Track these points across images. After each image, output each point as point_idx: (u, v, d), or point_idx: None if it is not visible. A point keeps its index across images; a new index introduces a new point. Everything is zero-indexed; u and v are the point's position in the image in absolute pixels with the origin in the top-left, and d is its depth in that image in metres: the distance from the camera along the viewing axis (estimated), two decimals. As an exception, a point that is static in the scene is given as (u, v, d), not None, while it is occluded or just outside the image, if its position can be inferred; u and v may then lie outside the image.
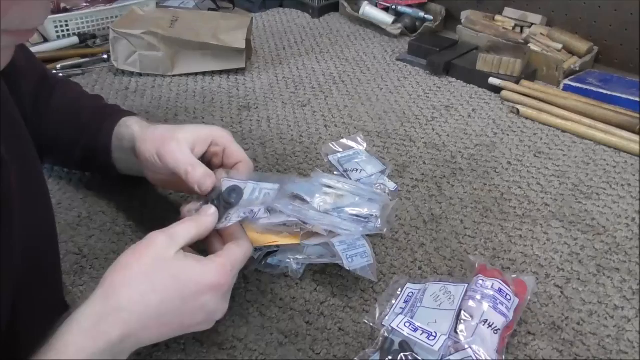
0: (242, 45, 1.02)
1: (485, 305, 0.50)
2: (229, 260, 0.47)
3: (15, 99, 0.57)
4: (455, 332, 0.49)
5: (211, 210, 0.51)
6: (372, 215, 0.61)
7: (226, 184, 0.57)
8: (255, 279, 0.60)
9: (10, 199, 0.41)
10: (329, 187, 0.63)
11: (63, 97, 0.71)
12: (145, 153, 0.61)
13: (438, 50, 1.09)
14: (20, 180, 0.43)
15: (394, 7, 1.28)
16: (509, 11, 1.20)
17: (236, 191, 0.55)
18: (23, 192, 0.43)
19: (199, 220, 0.50)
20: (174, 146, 0.59)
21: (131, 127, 0.64)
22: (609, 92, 0.94)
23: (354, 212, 0.62)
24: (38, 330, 0.49)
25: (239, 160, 0.62)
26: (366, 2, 1.31)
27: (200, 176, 0.57)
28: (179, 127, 0.62)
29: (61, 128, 0.69)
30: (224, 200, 0.54)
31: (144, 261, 0.44)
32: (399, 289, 0.57)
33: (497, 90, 0.99)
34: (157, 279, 0.44)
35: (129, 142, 0.64)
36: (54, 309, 0.53)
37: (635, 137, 0.84)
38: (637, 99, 0.91)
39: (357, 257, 0.57)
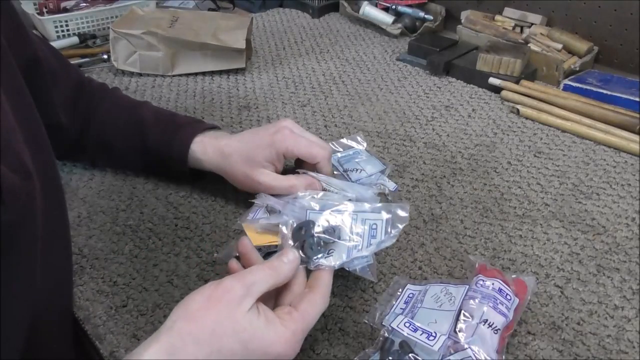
0: (242, 45, 1.02)
1: (485, 305, 0.50)
2: (302, 326, 0.45)
3: (45, 106, 0.57)
4: (455, 332, 0.49)
5: (290, 257, 0.48)
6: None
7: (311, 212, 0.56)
8: (255, 279, 0.60)
9: (34, 214, 0.42)
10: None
11: (113, 106, 0.74)
12: (232, 181, 0.68)
13: (438, 50, 1.09)
14: (43, 192, 0.43)
15: (394, 7, 1.28)
16: (509, 11, 1.20)
17: (335, 229, 0.52)
18: (44, 204, 0.44)
19: (278, 269, 0.47)
20: (265, 179, 0.63)
21: (207, 154, 0.68)
22: (609, 92, 0.93)
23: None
24: (50, 341, 0.49)
25: (312, 156, 0.64)
26: (366, 2, 1.31)
27: (305, 187, 0.62)
28: (252, 153, 0.64)
29: (119, 135, 0.72)
30: (317, 243, 0.52)
31: (214, 316, 0.42)
32: (400, 290, 0.57)
33: (497, 90, 0.99)
34: (225, 342, 0.42)
35: (205, 162, 0.68)
36: (65, 319, 0.53)
37: (635, 137, 0.84)
38: (637, 99, 0.91)
39: (357, 257, 0.57)
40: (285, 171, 0.68)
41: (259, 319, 0.43)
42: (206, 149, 0.67)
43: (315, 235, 0.52)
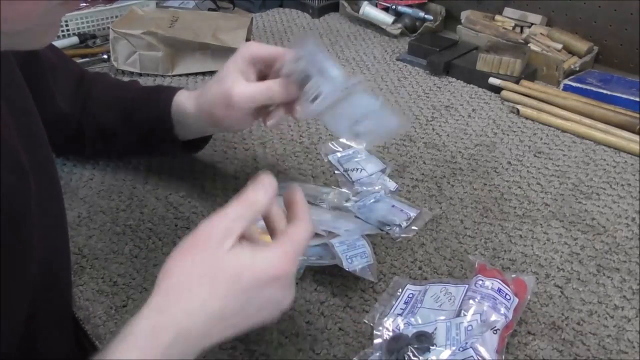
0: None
1: (485, 305, 0.50)
2: (291, 246, 0.42)
3: (46, 101, 0.57)
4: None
5: (265, 182, 0.44)
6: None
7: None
8: (255, 279, 0.60)
9: (30, 212, 0.42)
10: None
11: (104, 87, 0.73)
12: (216, 120, 0.62)
13: (438, 50, 1.09)
14: (38, 189, 0.43)
15: (394, 7, 1.28)
16: (509, 11, 1.20)
17: (426, 335, 0.49)
18: (41, 201, 0.44)
19: (253, 200, 0.43)
20: (240, 88, 0.58)
21: (190, 100, 0.65)
22: (609, 92, 0.93)
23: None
24: (50, 339, 0.49)
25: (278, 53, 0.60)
26: (366, 2, 1.31)
27: (284, 87, 0.57)
28: (222, 73, 0.61)
29: (109, 113, 0.71)
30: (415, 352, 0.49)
31: (199, 262, 0.40)
32: (399, 290, 0.57)
33: (497, 90, 0.99)
34: (216, 283, 0.39)
35: (188, 110, 0.65)
36: (64, 317, 0.53)
37: (635, 137, 0.84)
38: (637, 99, 0.91)
39: (356, 257, 0.57)
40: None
41: (244, 251, 0.41)
42: (188, 98, 0.66)
43: (411, 347, 0.49)
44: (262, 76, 0.61)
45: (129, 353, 0.37)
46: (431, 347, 0.48)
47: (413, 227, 0.66)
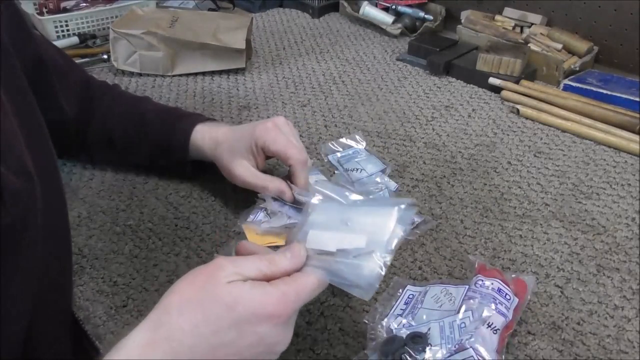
0: (242, 45, 1.02)
1: (485, 306, 0.50)
2: (293, 288, 0.41)
3: (51, 105, 0.57)
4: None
5: (295, 252, 0.44)
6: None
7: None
8: (255, 279, 0.60)
9: (36, 216, 0.42)
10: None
11: (117, 98, 0.75)
12: (221, 170, 0.68)
13: (438, 50, 1.09)
14: (43, 193, 0.43)
15: (394, 7, 1.28)
16: (508, 11, 1.20)
17: (422, 336, 0.49)
18: (45, 204, 0.44)
19: (276, 260, 0.43)
20: (240, 171, 0.65)
21: (205, 141, 0.69)
22: (609, 92, 0.93)
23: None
24: (50, 340, 0.49)
25: (286, 156, 0.63)
26: (366, 2, 1.31)
27: (277, 191, 0.63)
28: (236, 142, 0.66)
29: (122, 126, 0.72)
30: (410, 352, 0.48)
31: (198, 286, 0.40)
32: (400, 290, 0.57)
33: (497, 90, 0.99)
34: (211, 308, 0.39)
35: (203, 150, 0.69)
36: (64, 317, 0.53)
37: (635, 137, 0.84)
38: (637, 99, 0.91)
39: (357, 257, 0.57)
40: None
41: (244, 284, 0.40)
42: (204, 136, 0.69)
43: (407, 348, 0.49)
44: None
45: None
46: (427, 348, 0.48)
47: (416, 231, 0.66)
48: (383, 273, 0.44)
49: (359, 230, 0.47)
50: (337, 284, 0.44)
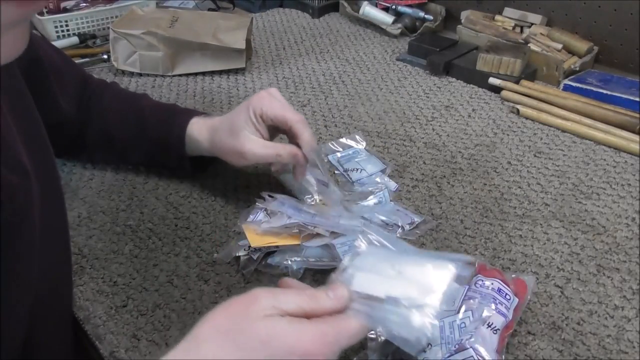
0: (242, 45, 1.02)
1: (485, 306, 0.50)
2: (333, 328, 0.40)
3: (49, 104, 0.57)
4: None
5: (339, 293, 0.42)
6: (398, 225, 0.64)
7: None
8: (255, 279, 0.60)
9: (32, 212, 0.42)
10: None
11: (115, 97, 0.75)
12: (224, 157, 0.68)
13: (438, 50, 1.09)
14: (40, 191, 0.43)
15: (394, 7, 1.28)
16: (508, 11, 1.20)
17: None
18: (42, 202, 0.44)
19: (317, 298, 0.42)
20: (248, 145, 0.63)
21: (202, 134, 0.68)
22: (609, 92, 0.93)
23: (384, 219, 0.64)
24: (50, 340, 0.49)
25: (284, 119, 0.64)
26: (366, 2, 1.31)
27: (290, 156, 0.63)
28: (233, 119, 0.65)
29: (120, 124, 0.72)
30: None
31: (233, 318, 0.39)
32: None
33: (497, 90, 0.99)
34: (244, 341, 0.38)
35: (201, 143, 0.69)
36: (64, 317, 0.53)
37: (635, 137, 0.84)
38: (637, 99, 0.91)
39: (357, 258, 0.57)
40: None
41: (282, 319, 0.39)
42: (201, 128, 0.69)
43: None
44: (274, 127, 0.66)
45: None
46: (427, 348, 0.48)
47: (416, 231, 0.65)
48: (431, 330, 0.41)
49: (411, 280, 0.44)
50: (381, 333, 0.42)
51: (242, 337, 0.38)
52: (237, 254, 0.60)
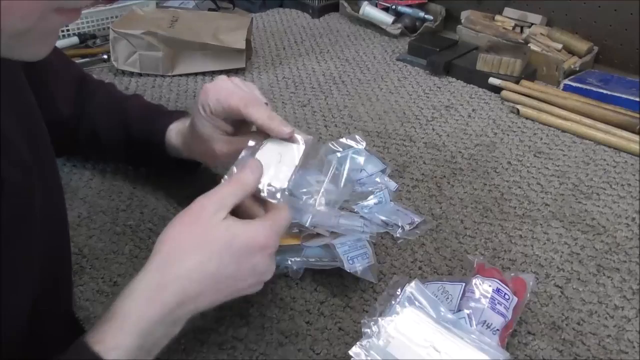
0: (242, 45, 1.02)
1: (483, 306, 0.50)
2: (274, 222, 0.48)
3: (46, 102, 0.57)
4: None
5: (254, 166, 0.49)
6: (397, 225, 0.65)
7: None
8: (255, 279, 0.60)
9: (33, 208, 0.42)
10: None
11: (106, 97, 0.74)
12: (200, 161, 0.68)
13: (438, 50, 1.09)
14: (41, 188, 0.43)
15: (394, 7, 1.28)
16: (509, 11, 1.20)
17: None
18: (43, 200, 0.44)
19: (244, 180, 0.48)
20: (218, 146, 0.60)
21: (178, 140, 0.66)
22: (609, 92, 0.94)
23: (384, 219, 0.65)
24: (49, 339, 0.49)
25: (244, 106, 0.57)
26: (366, 2, 1.31)
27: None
28: (196, 127, 0.61)
29: (109, 123, 0.71)
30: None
31: (196, 230, 0.45)
32: (399, 290, 0.56)
33: (497, 90, 0.99)
34: (212, 247, 0.44)
35: (181, 149, 0.67)
36: (64, 317, 0.53)
37: (635, 137, 0.84)
38: (637, 99, 0.91)
39: (358, 258, 0.57)
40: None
41: (235, 223, 0.45)
42: (177, 135, 0.66)
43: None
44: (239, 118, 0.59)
45: (133, 306, 0.41)
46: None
47: (416, 231, 0.66)
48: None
49: None
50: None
51: (208, 245, 0.44)
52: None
